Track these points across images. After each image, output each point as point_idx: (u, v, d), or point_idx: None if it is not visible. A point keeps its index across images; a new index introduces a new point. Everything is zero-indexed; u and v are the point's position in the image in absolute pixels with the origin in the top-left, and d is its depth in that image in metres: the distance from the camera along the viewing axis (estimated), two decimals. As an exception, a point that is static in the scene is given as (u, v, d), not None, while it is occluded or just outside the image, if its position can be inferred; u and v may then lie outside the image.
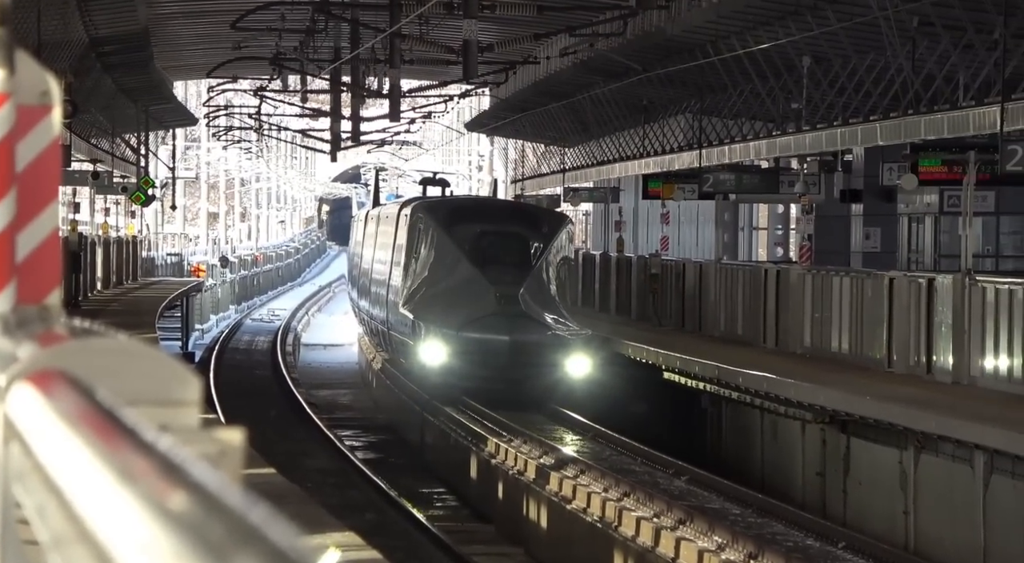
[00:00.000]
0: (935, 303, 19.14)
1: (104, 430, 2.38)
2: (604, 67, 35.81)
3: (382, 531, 17.56)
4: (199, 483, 1.94)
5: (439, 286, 25.79)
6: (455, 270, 25.70)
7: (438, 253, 26.14)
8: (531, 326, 24.70)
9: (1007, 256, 33.18)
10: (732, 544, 13.80)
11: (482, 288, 25.08)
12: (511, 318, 24.73)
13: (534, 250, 25.77)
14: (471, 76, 27.22)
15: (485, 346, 24.56)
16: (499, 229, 26.08)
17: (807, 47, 28.45)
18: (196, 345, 43.70)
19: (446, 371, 24.79)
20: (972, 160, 21.06)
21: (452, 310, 25.05)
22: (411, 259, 26.71)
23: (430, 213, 26.79)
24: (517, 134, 58.38)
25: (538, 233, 26.07)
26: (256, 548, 1.71)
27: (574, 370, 24.56)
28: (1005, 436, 14.52)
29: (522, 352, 24.50)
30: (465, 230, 26.07)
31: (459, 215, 26.72)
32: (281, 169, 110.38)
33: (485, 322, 24.72)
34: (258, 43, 39.20)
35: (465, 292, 25.20)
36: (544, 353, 24.50)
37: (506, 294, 24.96)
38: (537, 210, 30.00)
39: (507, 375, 24.47)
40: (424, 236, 26.52)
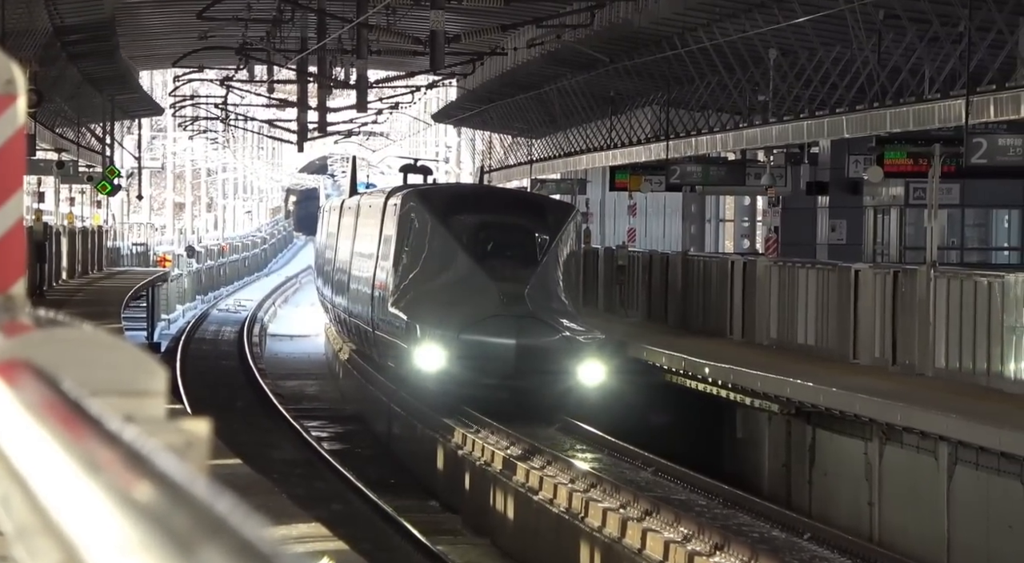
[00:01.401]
0: (901, 295, 19.21)
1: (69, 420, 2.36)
2: (571, 59, 35.81)
3: (349, 522, 17.54)
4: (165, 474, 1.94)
5: (435, 283, 23.24)
6: (453, 265, 23.11)
7: (433, 246, 23.52)
8: (539, 328, 22.09)
9: (972, 248, 33.33)
10: (698, 535, 13.84)
11: (484, 286, 22.51)
12: (517, 319, 22.09)
13: (540, 243, 23.12)
14: (438, 67, 27.17)
15: (489, 351, 21.95)
16: (501, 220, 23.36)
17: (774, 40, 28.50)
18: (162, 335, 43.57)
19: (445, 378, 22.20)
20: (937, 153, 21.14)
21: (451, 310, 22.44)
22: (402, 253, 24.05)
23: (424, 202, 24.11)
24: (484, 125, 58.35)
25: (544, 224, 23.34)
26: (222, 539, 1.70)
27: (587, 378, 21.93)
28: (968, 427, 14.59)
29: (530, 357, 21.92)
30: (463, 221, 23.38)
31: (456, 205, 23.97)
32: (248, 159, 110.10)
33: (488, 324, 22.11)
34: (224, 33, 39.08)
35: (465, 290, 22.65)
36: (554, 359, 21.92)
37: (510, 292, 22.34)
38: (542, 199, 27.61)
39: (513, 383, 21.96)
40: (417, 227, 23.85)
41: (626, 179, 36.28)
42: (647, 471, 18.24)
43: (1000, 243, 33.73)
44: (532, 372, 21.91)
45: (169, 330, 46.48)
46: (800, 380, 18.02)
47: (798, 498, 18.59)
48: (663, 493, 16.35)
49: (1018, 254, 32.93)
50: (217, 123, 64.71)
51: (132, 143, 59.50)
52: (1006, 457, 14.34)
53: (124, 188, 54.45)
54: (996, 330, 17.07)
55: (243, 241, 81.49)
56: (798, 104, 28.57)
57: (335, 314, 32.46)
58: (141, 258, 56.05)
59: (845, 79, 26.45)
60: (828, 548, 14.25)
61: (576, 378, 21.96)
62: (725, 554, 13.34)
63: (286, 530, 10.08)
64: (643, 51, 32.82)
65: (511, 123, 51.31)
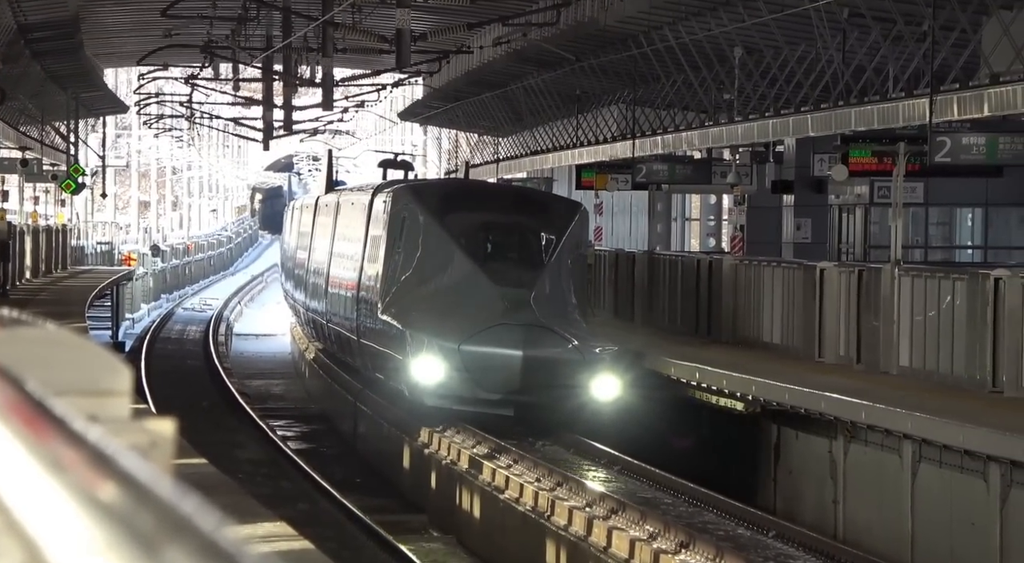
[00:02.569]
0: (865, 294, 19.29)
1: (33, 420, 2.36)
2: (537, 57, 35.83)
3: (314, 521, 17.52)
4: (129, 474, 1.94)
5: (431, 288, 21.28)
6: (450, 269, 21.16)
7: (429, 248, 21.51)
8: (547, 338, 20.14)
9: (936, 247, 33.47)
10: (663, 533, 13.87)
11: (485, 291, 20.60)
12: (523, 329, 20.14)
13: (545, 244, 21.14)
14: (404, 65, 27.14)
15: (492, 363, 20.03)
16: (502, 219, 21.36)
17: (739, 38, 28.58)
18: (127, 335, 43.45)
19: (444, 393, 20.28)
20: (902, 151, 21.22)
21: (449, 318, 20.50)
22: (393, 254, 22.05)
23: (418, 199, 22.08)
24: (451, 124, 58.32)
25: (549, 223, 21.35)
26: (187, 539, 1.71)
27: (601, 392, 20.03)
28: (932, 425, 14.66)
29: (538, 370, 19.98)
30: (462, 220, 21.44)
31: (453, 202, 21.96)
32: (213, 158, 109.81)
33: (491, 333, 20.14)
34: (189, 31, 38.97)
35: (464, 296, 20.71)
36: (565, 372, 20.02)
37: (514, 298, 20.44)
38: (546, 196, 25.76)
39: (519, 398, 20.07)
40: (410, 227, 21.80)
41: (592, 178, 36.32)
42: (612, 469, 18.23)
43: (964, 242, 33.89)
44: (540, 386, 20.04)
45: (134, 329, 46.34)
46: (764, 379, 18.07)
47: (763, 497, 18.65)
48: (628, 491, 16.36)
49: (981, 253, 33.09)
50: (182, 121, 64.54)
51: (97, 141, 59.26)
52: (969, 455, 14.42)
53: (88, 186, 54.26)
54: (960, 328, 17.16)
55: (208, 240, 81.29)
56: (763, 103, 28.65)
57: (308, 318, 30.48)
58: (106, 257, 55.84)
59: (810, 78, 26.54)
60: (793, 546, 14.30)
61: (589, 393, 20.03)
62: (691, 552, 13.37)
63: (251, 530, 10.07)
64: (609, 49, 32.86)
65: (477, 121, 51.31)
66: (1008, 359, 16.22)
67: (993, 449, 13.74)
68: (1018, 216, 32.78)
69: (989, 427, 13.91)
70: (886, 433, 15.90)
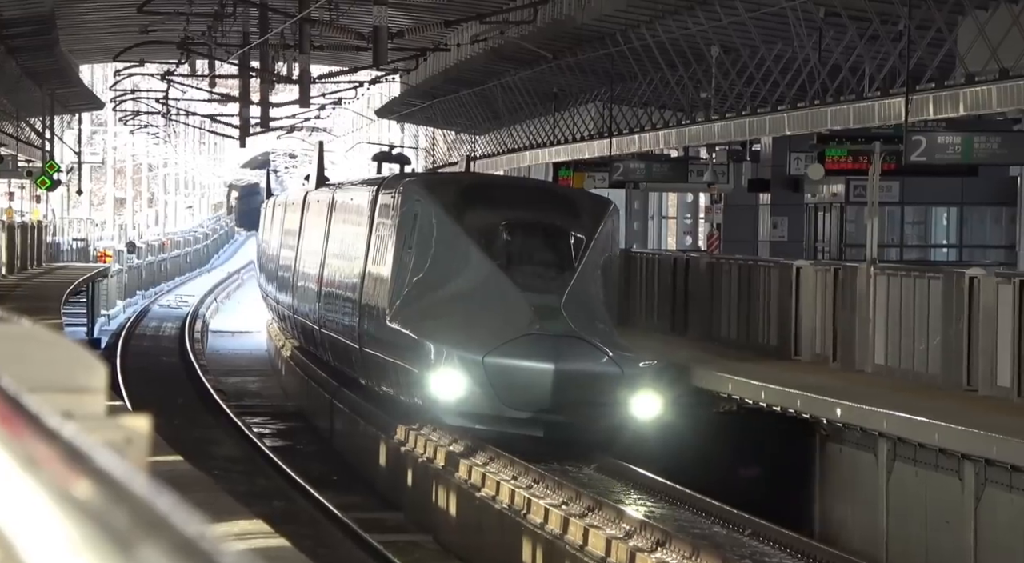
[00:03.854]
0: (841, 292, 19.34)
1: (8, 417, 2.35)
2: (514, 55, 35.83)
3: (291, 519, 17.50)
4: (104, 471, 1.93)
5: (448, 294, 19.13)
6: (470, 272, 19.06)
7: (445, 249, 19.39)
8: (582, 351, 18.02)
9: (911, 245, 33.57)
10: (640, 532, 13.88)
11: (511, 297, 18.52)
12: (555, 339, 18.01)
13: (575, 245, 19.03)
14: (381, 62, 27.11)
15: (520, 378, 17.91)
16: (528, 217, 19.23)
17: (716, 37, 28.63)
18: (102, 331, 43.35)
19: (465, 410, 18.17)
20: (877, 150, 21.28)
21: (471, 328, 18.36)
22: (403, 256, 19.90)
23: (432, 195, 19.86)
24: (428, 121, 58.30)
25: (578, 222, 19.26)
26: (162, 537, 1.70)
27: (641, 411, 17.95)
28: (907, 424, 14.69)
29: (572, 386, 17.84)
30: (482, 218, 19.30)
31: (472, 198, 19.71)
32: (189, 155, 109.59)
33: (519, 345, 18.02)
34: (165, 27, 38.88)
35: (486, 303, 18.63)
36: (602, 388, 17.89)
37: (543, 305, 18.34)
38: (574, 192, 22.91)
39: (549, 418, 17.94)
40: (423, 226, 19.66)
41: (569, 176, 36.33)
42: (589, 468, 18.20)
43: (939, 240, 33.98)
44: (574, 404, 17.84)
45: (109, 326, 46.23)
46: (740, 377, 18.10)
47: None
48: (605, 490, 16.37)
49: (956, 251, 33.20)
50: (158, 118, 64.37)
51: (72, 138, 59.10)
52: (944, 453, 14.46)
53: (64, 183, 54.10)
54: (935, 327, 17.21)
55: (184, 236, 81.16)
56: (740, 101, 28.70)
57: (297, 323, 28.36)
58: (81, 253, 55.69)
59: (787, 77, 26.60)
60: (769, 544, 14.33)
61: (628, 412, 17.91)
62: (667, 550, 13.39)
63: (227, 527, 10.05)
64: (586, 48, 32.88)
65: (454, 119, 51.29)
66: (982, 358, 16.27)
67: (968, 448, 13.78)
68: (993, 215, 32.89)
69: (964, 426, 13.96)
70: (861, 431, 15.93)
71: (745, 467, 17.85)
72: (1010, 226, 32.12)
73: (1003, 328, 15.91)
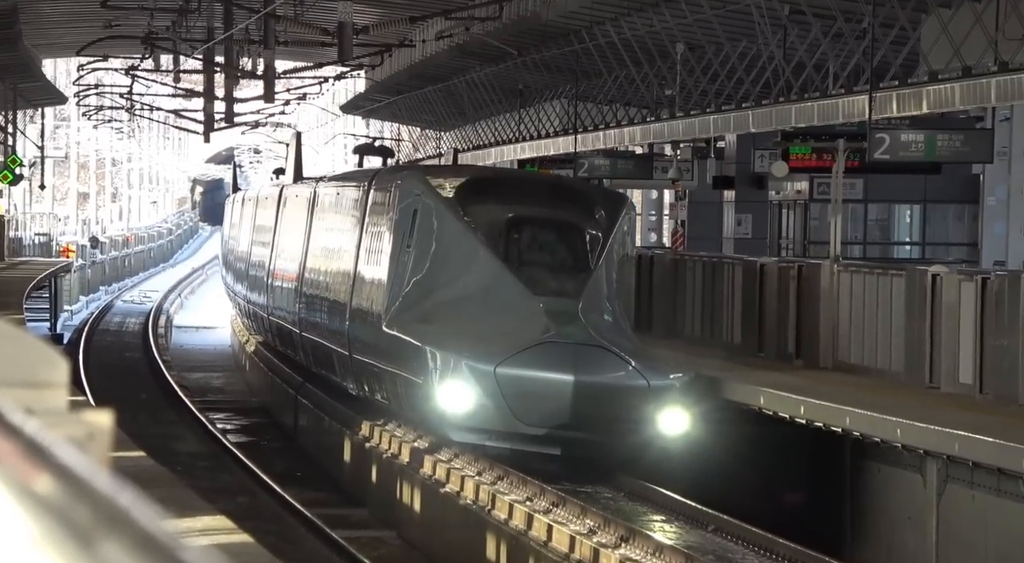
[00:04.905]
0: (804, 289, 19.40)
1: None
2: (480, 51, 35.82)
3: (254, 515, 17.46)
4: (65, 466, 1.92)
5: (450, 297, 17.50)
6: (477, 273, 17.44)
7: (449, 248, 17.77)
8: (605, 360, 16.34)
9: (874, 243, 33.71)
10: (604, 528, 13.91)
11: (523, 302, 16.86)
12: (574, 348, 16.32)
13: (592, 243, 17.47)
14: (346, 58, 27.07)
15: (536, 390, 16.23)
16: (539, 214, 17.62)
17: (681, 34, 28.68)
18: (65, 327, 43.18)
19: (474, 425, 16.54)
20: (841, 148, 21.34)
21: (480, 334, 16.74)
22: (401, 256, 18.31)
23: (433, 190, 18.18)
24: (393, 117, 58.22)
25: (594, 219, 17.67)
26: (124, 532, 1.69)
27: (669, 427, 16.33)
28: (869, 422, 14.75)
29: (593, 400, 16.18)
30: (489, 215, 17.69)
31: (478, 193, 18.06)
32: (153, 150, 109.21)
33: (534, 354, 16.28)
34: (130, 21, 38.73)
35: (495, 307, 16.96)
36: (626, 402, 16.22)
37: (559, 311, 16.69)
38: (587, 186, 21.09)
39: (568, 434, 16.30)
40: (423, 223, 18.07)
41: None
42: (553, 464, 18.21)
43: (902, 238, 34.13)
44: (596, 420, 16.18)
45: (72, 321, 46.06)
46: (706, 372, 18.14)
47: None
48: (569, 486, 16.38)
49: (919, 249, 33.34)
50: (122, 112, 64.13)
51: (35, 132, 58.81)
52: (907, 450, 14.51)
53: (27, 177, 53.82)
54: (898, 324, 17.28)
55: (148, 231, 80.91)
56: (704, 98, 28.76)
57: (270, 324, 26.96)
58: (44, 248, 55.44)
59: (751, 74, 26.67)
60: (731, 539, 14.36)
61: (655, 428, 16.27)
62: (630, 546, 13.41)
63: (190, 523, 10.02)
64: (551, 44, 32.89)
65: (420, 115, 51.23)
66: (945, 355, 16.34)
67: (930, 445, 13.84)
68: (955, 213, 33.05)
69: (926, 423, 14.02)
70: (824, 427, 15.98)
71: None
72: (972, 224, 32.29)
73: (965, 326, 15.99)
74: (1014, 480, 12.95)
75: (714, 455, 16.73)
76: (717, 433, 17.22)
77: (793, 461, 16.98)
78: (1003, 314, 15.30)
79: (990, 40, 19.32)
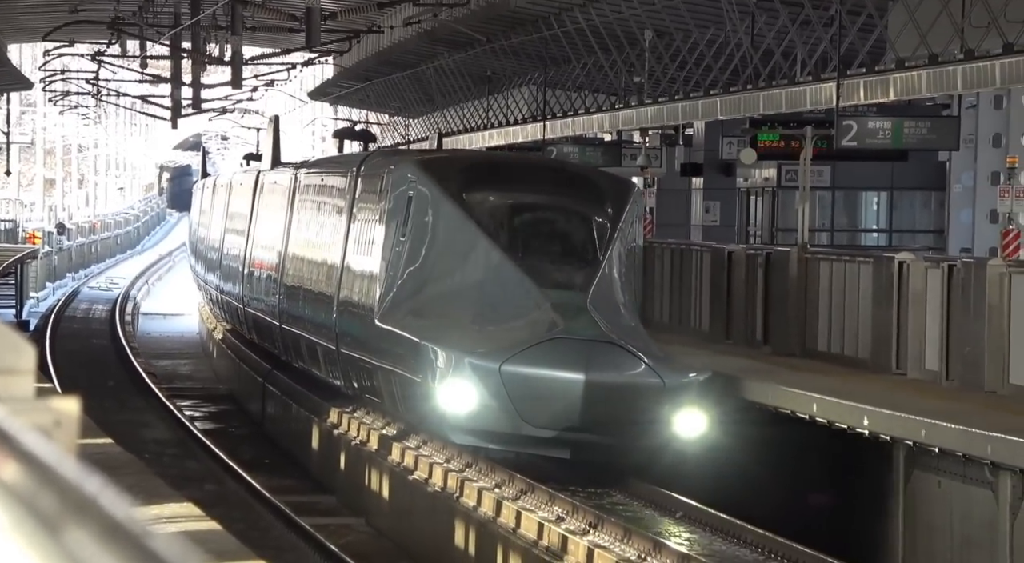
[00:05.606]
0: (772, 276, 19.45)
1: (-65, 400, 2.32)
2: (448, 38, 35.77)
3: (222, 502, 17.44)
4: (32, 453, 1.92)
5: (448, 290, 16.39)
6: (478, 266, 16.28)
7: (447, 238, 16.63)
8: (618, 358, 15.23)
9: (841, 230, 33.82)
10: (572, 515, 13.93)
11: (527, 295, 15.69)
12: (585, 345, 15.16)
13: (599, 233, 16.28)
14: (313, 44, 27.01)
15: (544, 389, 15.08)
16: (543, 201, 16.44)
17: (649, 21, 28.69)
18: (31, 313, 43.01)
19: (477, 427, 15.41)
20: (809, 135, 21.40)
21: (484, 330, 15.63)
22: (394, 246, 17.23)
23: (430, 175, 17.01)
24: (361, 104, 58.09)
25: (601, 206, 16.47)
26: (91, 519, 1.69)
27: (685, 429, 15.27)
28: (835, 408, 14.80)
29: (605, 400, 15.08)
30: (489, 202, 16.50)
31: (477, 180, 16.87)
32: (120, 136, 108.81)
33: (542, 351, 15.12)
34: (96, 7, 38.53)
35: (498, 301, 15.81)
36: (641, 402, 15.14)
37: (567, 304, 15.54)
38: (592, 172, 19.39)
39: (578, 437, 15.21)
40: (418, 211, 16.94)
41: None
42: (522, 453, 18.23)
43: (869, 225, 34.26)
44: (608, 422, 15.10)
45: (39, 308, 45.88)
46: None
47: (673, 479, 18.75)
48: (538, 474, 16.41)
49: (886, 236, 33.47)
50: (89, 98, 63.87)
51: (0, 118, 58.51)
52: (874, 437, 14.58)
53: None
54: (865, 311, 17.34)
55: (115, 218, 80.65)
56: (673, 85, 28.78)
57: (246, 316, 26.08)
58: (10, 235, 55.19)
59: (719, 61, 26.71)
60: (698, 526, 14.40)
61: (671, 430, 15.23)
62: (599, 533, 13.44)
63: (158, 510, 10.00)
64: (520, 31, 32.86)
65: (388, 102, 51.13)
66: (911, 341, 16.42)
67: (896, 431, 13.91)
68: (922, 200, 33.18)
69: (892, 409, 14.08)
70: (792, 414, 16.04)
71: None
72: (939, 211, 32.42)
73: (931, 312, 16.06)
74: (979, 466, 13.02)
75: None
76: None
77: (764, 450, 17.04)
78: (969, 301, 15.38)
79: (956, 28, 19.39)
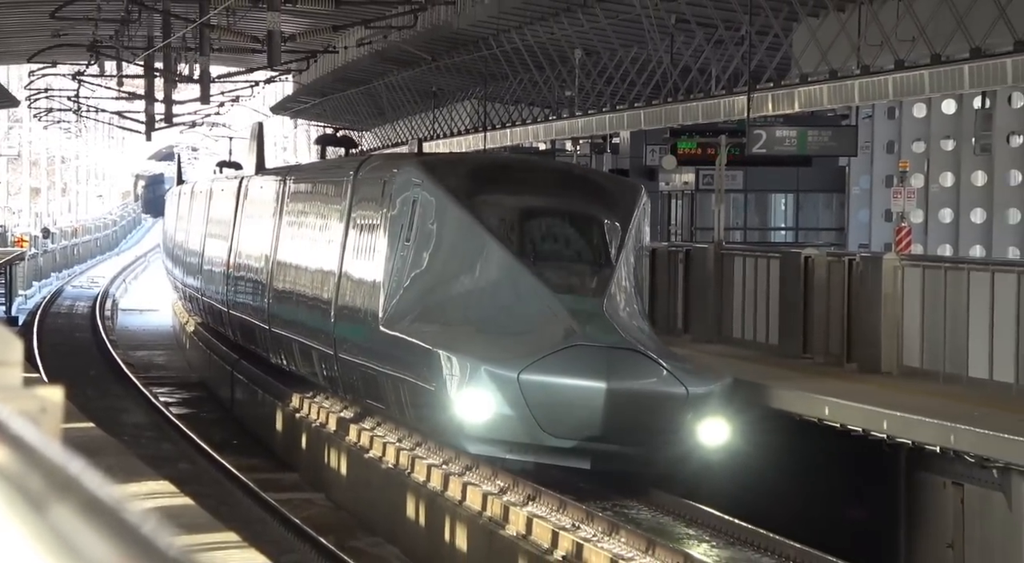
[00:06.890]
0: (692, 272, 19.53)
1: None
2: (397, 57, 35.71)
3: (195, 480, 17.36)
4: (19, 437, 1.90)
5: (457, 295, 14.68)
6: (487, 271, 14.60)
7: (454, 242, 14.94)
8: (639, 365, 13.64)
9: (754, 228, 34.01)
10: (513, 488, 13.93)
11: (541, 300, 14.09)
12: (605, 352, 13.56)
13: (611, 236, 14.71)
14: (275, 64, 26.89)
15: (564, 398, 13.49)
16: (553, 204, 14.82)
17: (579, 41, 28.75)
18: (19, 310, 42.71)
19: (495, 436, 13.76)
20: (723, 143, 21.50)
21: (499, 337, 13.99)
22: (398, 251, 15.48)
23: (435, 179, 15.30)
24: (318, 117, 57.91)
25: (611, 209, 14.93)
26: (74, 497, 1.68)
27: (708, 438, 13.69)
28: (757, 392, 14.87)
29: (627, 409, 13.50)
30: (498, 206, 14.84)
31: (485, 182, 15.17)
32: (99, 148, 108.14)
33: (562, 358, 13.55)
34: (76, 31, 38.28)
35: (511, 307, 14.19)
36: (663, 411, 13.57)
37: (583, 310, 13.97)
38: (600, 174, 17.93)
39: (599, 447, 13.64)
40: (424, 215, 15.23)
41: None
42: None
43: (778, 223, 34.48)
44: (630, 431, 13.53)
45: (26, 305, 45.54)
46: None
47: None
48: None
49: (793, 233, 33.71)
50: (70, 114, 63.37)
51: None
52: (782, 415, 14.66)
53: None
54: (774, 302, 17.44)
55: (95, 223, 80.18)
56: (601, 99, 28.85)
57: (230, 319, 24.11)
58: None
59: (642, 77, 26.79)
60: (654, 509, 14.40)
61: (695, 440, 13.65)
62: (537, 503, 13.44)
63: (136, 488, 9.95)
64: (462, 50, 32.86)
65: (343, 115, 50.99)
66: (817, 328, 16.52)
67: (801, 410, 13.98)
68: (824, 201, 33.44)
69: (799, 390, 14.15)
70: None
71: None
72: (839, 211, 32.71)
73: (834, 302, 16.17)
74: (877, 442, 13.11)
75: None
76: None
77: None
78: (867, 291, 15.49)
79: (854, 46, 19.52)
